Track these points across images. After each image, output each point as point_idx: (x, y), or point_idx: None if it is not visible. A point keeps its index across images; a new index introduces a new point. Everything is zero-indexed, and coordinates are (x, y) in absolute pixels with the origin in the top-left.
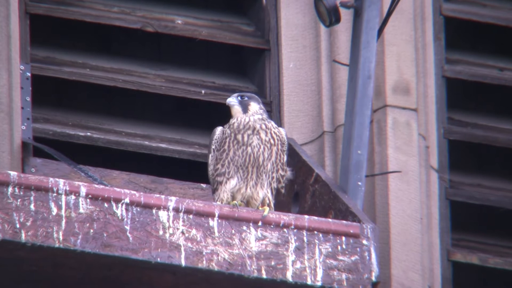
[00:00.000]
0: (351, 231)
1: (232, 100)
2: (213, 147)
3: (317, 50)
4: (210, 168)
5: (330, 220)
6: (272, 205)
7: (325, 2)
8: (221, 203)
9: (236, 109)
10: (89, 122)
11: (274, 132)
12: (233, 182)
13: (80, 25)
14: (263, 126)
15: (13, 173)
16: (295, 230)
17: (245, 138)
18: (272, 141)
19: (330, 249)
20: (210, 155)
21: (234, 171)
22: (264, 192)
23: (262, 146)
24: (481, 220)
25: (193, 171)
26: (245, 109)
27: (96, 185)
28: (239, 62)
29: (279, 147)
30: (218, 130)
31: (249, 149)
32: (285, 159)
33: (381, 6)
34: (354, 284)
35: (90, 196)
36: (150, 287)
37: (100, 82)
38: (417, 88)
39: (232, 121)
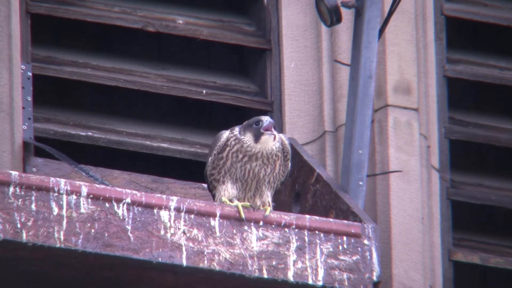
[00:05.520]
0: (352, 231)
1: (274, 132)
2: (215, 151)
3: (318, 50)
4: (208, 169)
5: (331, 220)
6: (271, 206)
7: (326, 2)
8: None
9: (272, 138)
10: (90, 122)
11: (278, 152)
12: (233, 192)
13: (81, 25)
14: (277, 154)
15: (14, 173)
16: (296, 230)
17: (245, 159)
18: (275, 157)
19: (331, 249)
20: (210, 158)
21: (231, 181)
22: (262, 201)
23: (264, 165)
24: (482, 219)
25: (194, 171)
26: (275, 136)
27: (97, 185)
28: (240, 62)
29: (282, 160)
30: (224, 136)
31: (248, 166)
32: (289, 165)
33: (382, 6)
34: (355, 284)
35: (91, 196)
36: (151, 287)
37: (101, 82)
38: (418, 88)
39: (250, 146)
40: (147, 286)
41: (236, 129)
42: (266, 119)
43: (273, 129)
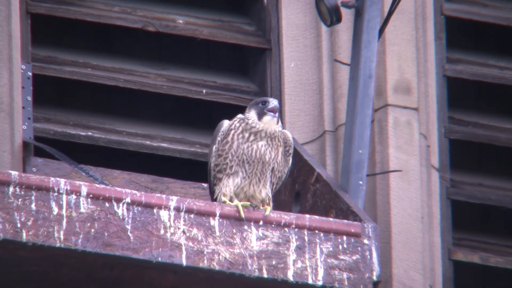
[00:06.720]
0: (352, 231)
1: (277, 115)
2: (219, 139)
3: (318, 49)
4: (212, 160)
5: (331, 219)
6: (271, 204)
7: (326, 1)
8: (223, 198)
9: (275, 120)
10: (90, 122)
11: (280, 137)
12: (237, 180)
13: (81, 24)
14: (280, 139)
15: (14, 173)
16: (296, 230)
17: (251, 138)
18: (278, 143)
19: (331, 248)
20: (214, 147)
21: (237, 165)
22: (266, 192)
23: (269, 147)
24: (482, 219)
25: (194, 171)
26: (278, 120)
27: (97, 185)
28: (240, 62)
29: (283, 150)
30: (226, 123)
31: (254, 146)
32: (290, 162)
33: (382, 6)
34: (355, 284)
35: (91, 195)
36: (151, 287)
37: (101, 82)
38: (418, 88)
39: (254, 122)
40: (147, 286)
41: (238, 116)
42: (272, 102)
43: (276, 113)
